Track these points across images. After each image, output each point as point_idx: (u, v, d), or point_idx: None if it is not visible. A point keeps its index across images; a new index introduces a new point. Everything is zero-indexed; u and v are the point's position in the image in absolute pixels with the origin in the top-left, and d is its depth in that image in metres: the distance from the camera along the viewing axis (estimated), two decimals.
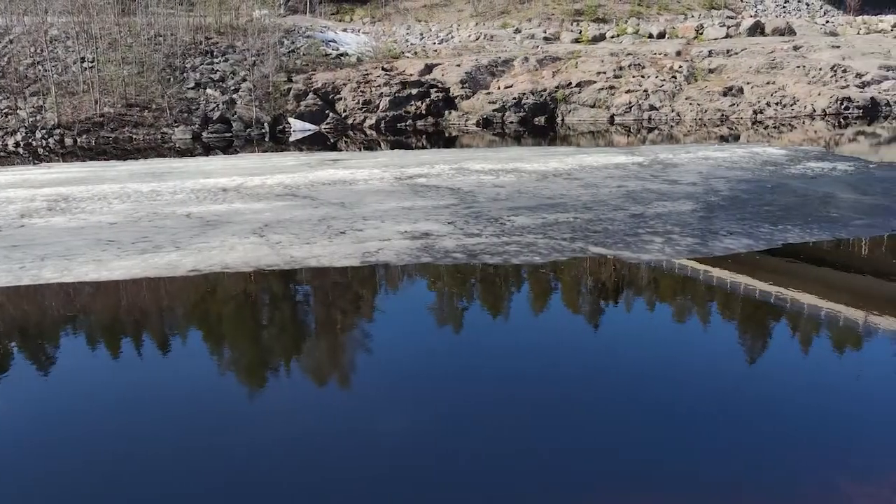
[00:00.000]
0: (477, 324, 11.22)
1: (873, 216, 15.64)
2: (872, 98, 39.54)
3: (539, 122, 38.80)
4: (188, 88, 37.54)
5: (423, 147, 32.19)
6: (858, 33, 52.11)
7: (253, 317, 11.65)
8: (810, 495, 6.42)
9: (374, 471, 6.87)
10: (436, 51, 47.32)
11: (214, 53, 40.39)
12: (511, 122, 38.80)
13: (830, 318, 10.87)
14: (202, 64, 39.35)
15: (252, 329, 11.19)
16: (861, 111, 38.54)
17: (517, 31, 52.45)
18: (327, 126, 37.61)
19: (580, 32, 51.64)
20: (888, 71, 42.20)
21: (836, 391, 8.69)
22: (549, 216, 15.79)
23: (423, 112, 39.21)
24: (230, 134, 35.39)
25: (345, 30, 50.34)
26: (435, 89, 40.10)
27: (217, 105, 36.67)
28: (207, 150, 30.86)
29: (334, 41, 46.11)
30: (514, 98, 39.67)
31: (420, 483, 6.75)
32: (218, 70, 39.01)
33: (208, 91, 37.59)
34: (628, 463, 6.97)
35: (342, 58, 43.48)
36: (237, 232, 14.84)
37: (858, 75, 41.45)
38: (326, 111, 38.13)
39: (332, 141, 34.63)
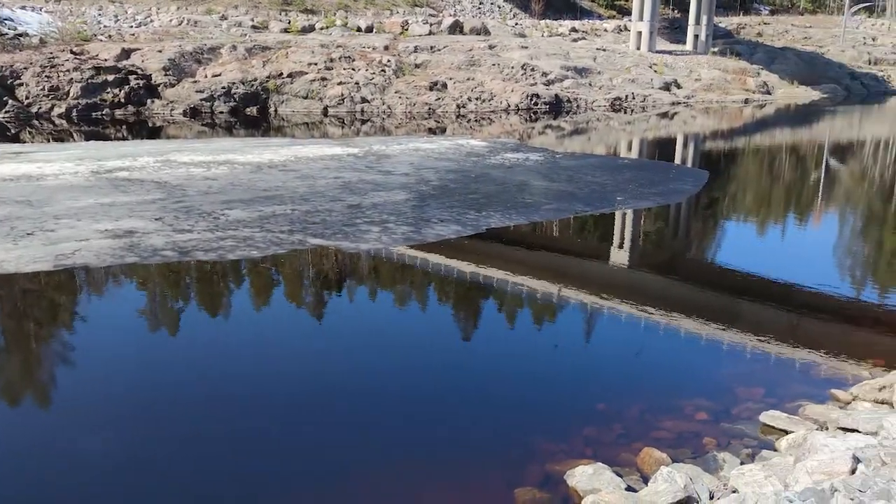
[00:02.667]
0: (192, 325, 10.63)
1: (560, 201, 17.46)
2: (556, 95, 44.10)
3: (251, 113, 37.76)
4: None
5: (124, 138, 29.69)
6: (543, 36, 57.80)
7: None
8: (511, 455, 6.97)
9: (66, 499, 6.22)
10: (133, 35, 43.87)
11: None
12: (221, 113, 37.31)
13: (530, 294, 11.96)
14: None
15: None
16: (548, 106, 42.80)
17: (223, 17, 50.48)
18: (6, 115, 33.24)
19: (289, 23, 51.06)
20: (568, 70, 47.36)
21: (535, 358, 9.58)
22: (265, 209, 15.44)
23: (122, 100, 36.16)
24: None
25: (23, 7, 44.69)
26: (134, 76, 37.17)
27: None
28: None
29: (10, 19, 40.73)
30: (224, 87, 38.15)
31: None
32: None
33: None
34: (322, 449, 7.06)
35: (21, 38, 38.60)
36: None
37: (544, 74, 45.98)
38: (5, 98, 33.65)
39: (13, 132, 30.63)
